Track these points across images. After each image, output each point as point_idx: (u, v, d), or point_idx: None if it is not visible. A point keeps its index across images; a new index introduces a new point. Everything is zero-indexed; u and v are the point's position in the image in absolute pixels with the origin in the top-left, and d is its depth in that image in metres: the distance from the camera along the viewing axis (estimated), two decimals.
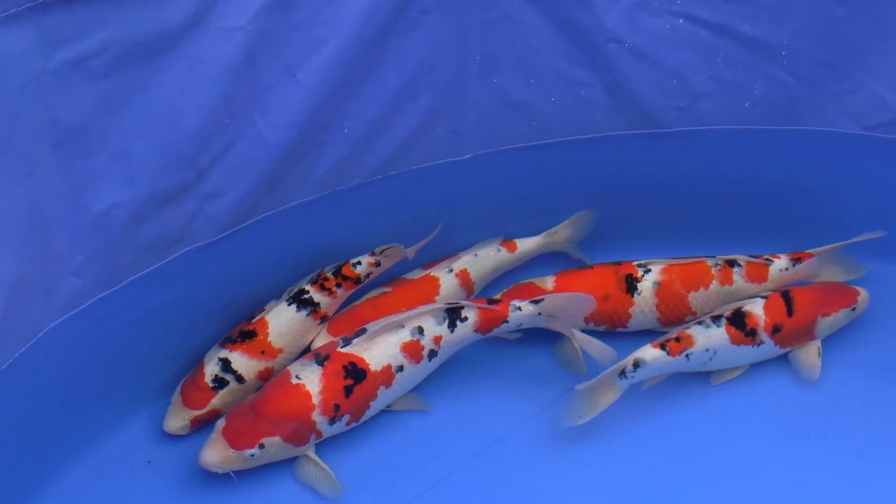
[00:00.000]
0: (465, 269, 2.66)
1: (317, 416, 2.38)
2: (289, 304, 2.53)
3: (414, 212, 2.64)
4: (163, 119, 2.23)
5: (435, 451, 2.47)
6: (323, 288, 2.55)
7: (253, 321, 2.52)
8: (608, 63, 2.50)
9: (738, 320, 2.54)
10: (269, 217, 2.47)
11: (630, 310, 2.61)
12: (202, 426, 2.48)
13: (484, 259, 2.67)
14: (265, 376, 2.51)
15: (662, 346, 2.48)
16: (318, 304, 2.55)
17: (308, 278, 2.57)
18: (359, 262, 2.59)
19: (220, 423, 2.38)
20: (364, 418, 2.45)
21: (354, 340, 2.43)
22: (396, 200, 2.59)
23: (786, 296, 2.58)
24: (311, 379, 2.38)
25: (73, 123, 2.14)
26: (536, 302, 2.50)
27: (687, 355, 2.50)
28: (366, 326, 2.47)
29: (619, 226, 2.74)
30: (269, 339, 2.50)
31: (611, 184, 2.70)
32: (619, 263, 2.65)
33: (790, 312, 2.56)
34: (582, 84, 2.54)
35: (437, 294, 2.62)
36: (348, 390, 2.39)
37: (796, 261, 2.64)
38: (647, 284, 2.60)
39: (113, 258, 2.32)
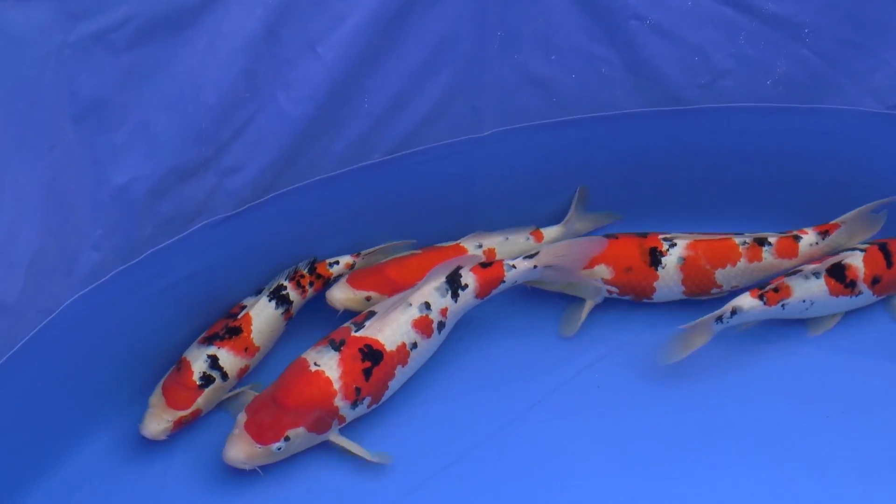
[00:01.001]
0: (494, 248, 2.65)
1: (339, 402, 2.38)
2: (269, 300, 2.51)
3: (433, 188, 2.63)
4: (183, 93, 2.23)
5: (455, 428, 2.48)
6: (298, 285, 2.54)
7: (239, 317, 2.49)
8: (629, 40, 2.49)
9: (838, 273, 2.57)
10: (288, 192, 2.47)
11: (654, 283, 2.61)
12: (182, 429, 2.43)
13: (513, 244, 2.67)
14: (242, 374, 2.49)
15: (760, 297, 2.53)
16: (292, 302, 2.54)
17: (285, 274, 2.55)
18: (336, 262, 2.59)
19: (242, 417, 2.36)
20: (383, 399, 2.46)
21: (366, 324, 2.43)
22: (416, 177, 2.59)
23: (883, 248, 2.62)
24: (329, 365, 2.38)
25: (94, 97, 2.14)
26: (531, 256, 2.51)
27: (783, 305, 2.56)
28: (374, 309, 2.47)
29: (639, 203, 2.73)
30: (251, 336, 2.49)
31: (631, 161, 2.69)
32: (644, 235, 2.65)
33: (889, 264, 2.61)
34: (603, 61, 2.53)
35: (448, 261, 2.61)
36: (367, 373, 2.39)
37: (824, 234, 2.62)
38: (671, 259, 2.60)
39: (132, 232, 2.33)
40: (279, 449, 2.33)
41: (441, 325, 2.48)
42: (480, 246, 2.64)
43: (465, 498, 2.39)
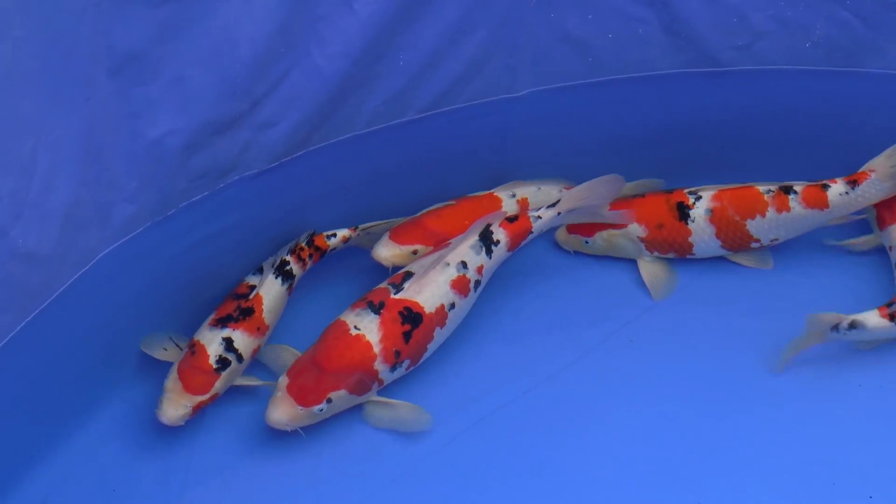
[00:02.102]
0: (526, 198, 2.65)
1: (379, 365, 2.38)
2: (276, 277, 2.49)
3: (467, 147, 2.63)
4: (219, 48, 2.23)
5: (485, 387, 2.48)
6: (299, 258, 2.52)
7: (250, 298, 2.46)
8: (667, 0, 2.47)
9: None
10: (321, 148, 2.47)
11: (690, 238, 2.61)
12: (199, 413, 2.39)
13: (545, 195, 2.66)
14: (255, 354, 2.47)
15: (892, 317, 2.43)
16: (295, 276, 2.52)
17: (287, 248, 2.52)
18: (333, 235, 2.57)
19: (283, 380, 2.36)
20: (421, 360, 2.46)
21: (405, 285, 2.43)
22: (450, 135, 2.59)
23: None
24: (370, 328, 2.38)
25: (130, 50, 2.15)
26: (553, 205, 2.51)
27: None
28: (410, 269, 2.47)
29: (673, 165, 2.71)
30: (262, 315, 2.46)
31: (666, 122, 2.67)
32: (670, 191, 2.64)
33: None
34: (640, 21, 2.51)
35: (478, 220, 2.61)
36: (407, 336, 2.40)
37: (853, 183, 2.59)
38: (699, 212, 2.59)
39: (166, 185, 2.34)
40: (321, 411, 2.34)
41: (477, 283, 2.48)
42: (514, 195, 2.64)
43: (492, 456, 2.40)
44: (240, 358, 2.41)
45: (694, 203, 2.59)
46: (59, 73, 2.07)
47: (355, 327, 2.38)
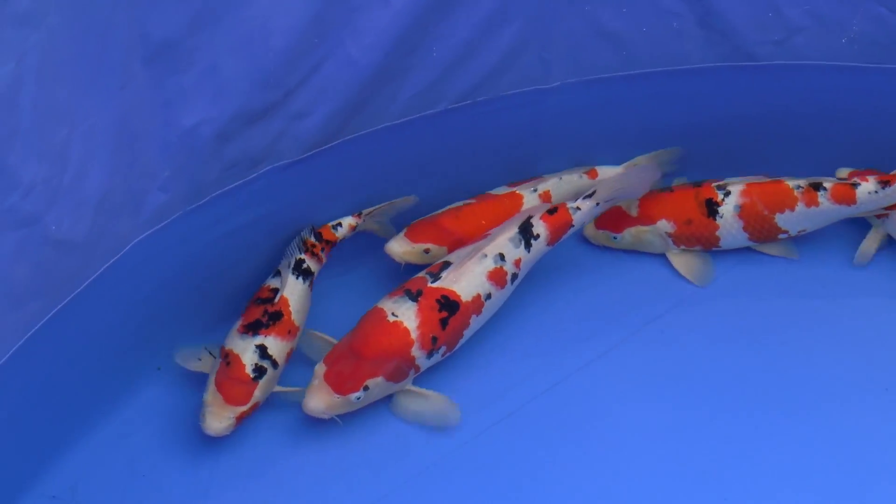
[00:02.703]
0: (549, 190, 2.64)
1: (416, 352, 2.38)
2: (296, 278, 2.47)
3: (499, 139, 2.63)
4: (253, 37, 2.23)
5: (513, 380, 2.48)
6: (313, 254, 2.51)
7: (276, 301, 2.44)
8: None
9: None
10: (353, 139, 2.47)
11: (717, 233, 2.60)
12: (242, 423, 2.37)
13: (567, 183, 2.66)
14: (288, 358, 2.44)
15: None
16: (313, 273, 2.51)
17: (297, 248, 2.50)
18: (339, 224, 2.56)
19: (320, 368, 2.36)
20: (456, 347, 2.46)
21: (442, 275, 2.43)
22: (482, 127, 2.58)
23: None
24: (407, 315, 2.39)
25: (165, 39, 2.15)
26: (590, 196, 2.51)
27: None
28: (448, 259, 2.47)
29: (706, 159, 2.70)
30: (291, 317, 2.44)
31: (700, 117, 2.66)
32: (698, 185, 2.63)
33: None
34: (675, 14, 2.50)
35: (520, 212, 2.61)
36: (444, 322, 2.40)
37: (885, 183, 2.57)
38: (728, 207, 2.58)
39: (199, 174, 2.34)
40: (358, 399, 2.35)
41: (514, 276, 2.48)
42: (535, 190, 2.63)
43: (521, 449, 2.40)
44: (275, 364, 2.40)
45: (723, 199, 2.59)
46: (93, 60, 2.07)
47: (393, 314, 2.38)
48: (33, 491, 2.32)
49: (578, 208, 2.51)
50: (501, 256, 2.45)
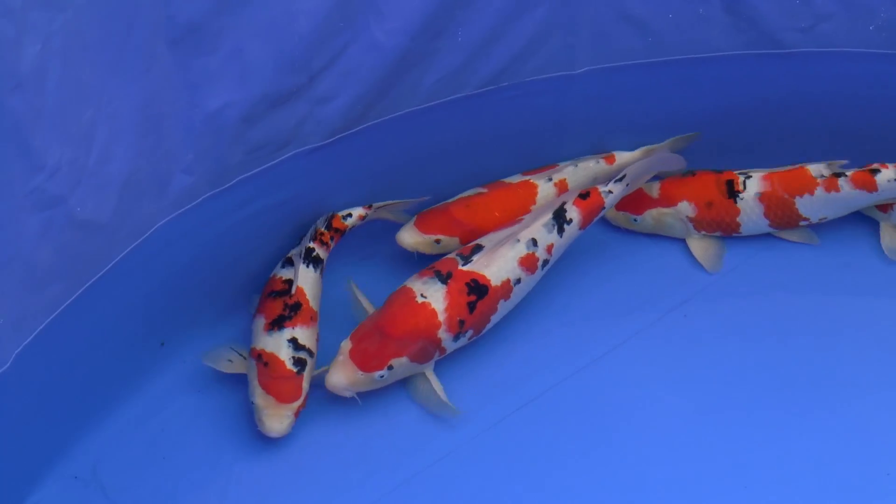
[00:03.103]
0: (565, 178, 2.64)
1: (442, 334, 2.39)
2: (307, 266, 2.47)
3: (523, 124, 2.62)
4: (278, 20, 2.23)
5: (535, 367, 2.48)
6: (322, 243, 2.51)
7: (293, 293, 2.43)
8: None
9: None
10: (378, 124, 2.47)
11: (738, 218, 2.60)
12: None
13: (584, 170, 2.65)
14: (317, 343, 2.44)
15: None
16: (322, 260, 2.51)
17: (309, 236, 2.50)
18: (349, 214, 2.55)
19: (346, 345, 2.37)
20: (484, 331, 2.46)
21: (474, 258, 2.43)
22: (506, 112, 2.58)
23: None
24: (436, 297, 2.39)
25: (190, 21, 2.15)
26: (621, 179, 2.51)
27: None
28: (480, 243, 2.47)
29: (731, 147, 2.69)
30: (310, 305, 2.45)
31: (725, 104, 2.65)
32: (719, 171, 2.63)
33: None
34: (701, 1, 2.48)
35: (534, 202, 2.60)
36: (472, 306, 2.40)
37: None
38: (749, 192, 2.59)
39: (224, 157, 2.34)
40: (381, 377, 2.35)
41: (545, 262, 2.48)
42: (550, 179, 2.62)
43: (541, 437, 2.40)
44: (311, 353, 2.40)
45: (744, 182, 2.58)
46: (119, 42, 2.07)
47: (422, 295, 2.39)
48: (55, 471, 2.33)
49: (610, 192, 2.51)
50: (534, 242, 2.45)
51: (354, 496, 2.33)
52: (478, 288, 2.40)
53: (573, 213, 2.49)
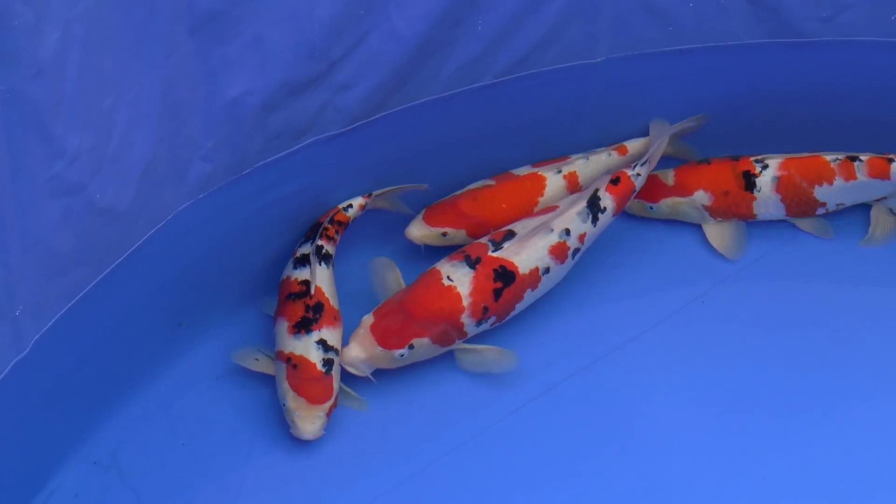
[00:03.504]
0: (575, 171, 2.63)
1: (465, 319, 2.39)
2: (320, 264, 2.46)
3: (543, 113, 2.62)
4: (297, 8, 2.22)
5: (553, 356, 2.48)
6: (328, 238, 2.50)
7: (312, 294, 2.41)
8: None
9: None
10: (397, 112, 2.47)
11: (753, 204, 2.60)
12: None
13: (595, 163, 2.64)
14: (341, 341, 2.44)
15: None
16: (332, 255, 2.50)
17: (316, 234, 2.48)
18: (350, 206, 2.54)
19: (368, 319, 2.39)
20: (507, 318, 2.46)
21: (504, 245, 2.43)
22: (526, 101, 2.57)
23: None
24: (462, 281, 2.39)
25: (210, 9, 2.15)
26: (645, 163, 2.52)
27: None
28: (513, 229, 2.47)
29: (751, 135, 2.68)
30: (331, 304, 2.44)
31: (745, 93, 2.64)
32: (736, 159, 2.62)
33: None
34: None
35: (542, 195, 2.60)
36: (497, 293, 2.40)
37: None
38: (765, 180, 2.58)
39: (243, 145, 2.34)
40: (401, 356, 2.36)
41: (576, 251, 2.48)
42: (560, 171, 2.62)
43: (559, 425, 2.41)
44: (337, 353, 2.40)
45: (760, 171, 2.58)
46: (139, 29, 2.07)
47: (448, 278, 2.39)
48: (75, 456, 2.34)
49: (638, 174, 2.51)
50: (567, 231, 2.45)
51: (374, 482, 2.34)
52: (505, 275, 2.40)
53: (607, 200, 2.49)
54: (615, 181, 2.50)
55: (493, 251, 2.42)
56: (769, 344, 2.50)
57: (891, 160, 2.55)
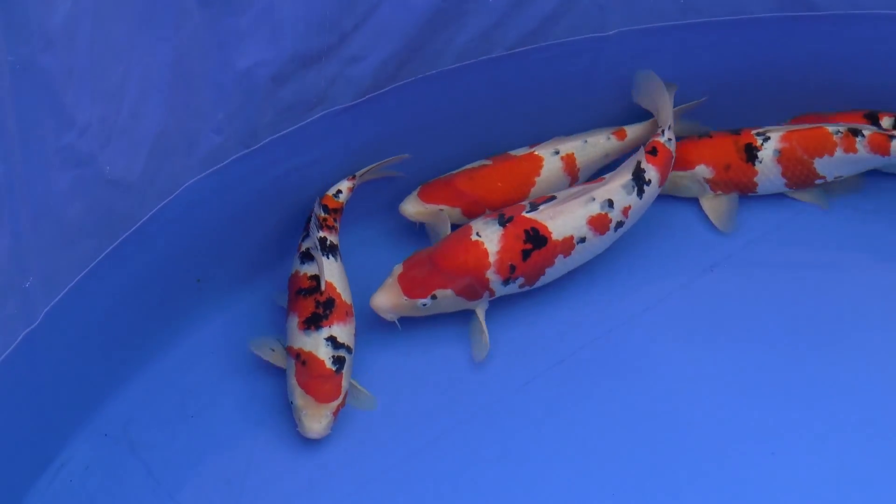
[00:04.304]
0: (572, 153, 2.61)
1: (491, 275, 2.40)
2: (327, 258, 2.42)
3: (553, 86, 2.60)
4: None
5: (565, 328, 2.48)
6: (329, 228, 2.46)
7: (323, 290, 2.38)
8: None
9: None
10: (408, 84, 2.46)
11: (755, 178, 2.59)
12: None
13: (593, 147, 2.61)
14: (355, 338, 2.41)
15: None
16: (337, 245, 2.46)
17: (315, 228, 2.44)
18: (339, 192, 2.49)
19: (398, 268, 2.41)
20: (538, 284, 2.46)
21: (541, 207, 2.42)
22: (537, 74, 2.56)
23: None
24: (490, 238, 2.40)
25: None
26: (669, 127, 2.52)
27: None
28: (555, 194, 2.46)
29: (763, 110, 2.67)
30: (342, 299, 2.41)
31: (759, 67, 2.63)
32: (737, 132, 2.61)
33: None
34: None
35: (538, 175, 2.58)
36: (526, 254, 2.40)
37: None
38: (767, 153, 2.57)
39: (254, 117, 2.34)
40: (424, 305, 2.39)
41: (620, 224, 2.46)
42: (557, 152, 2.59)
43: (569, 397, 2.40)
44: (349, 350, 2.38)
45: (762, 144, 2.58)
46: (150, 0, 2.07)
47: (477, 234, 2.41)
48: (86, 428, 2.34)
49: (670, 139, 2.50)
50: (610, 203, 2.44)
51: (382, 454, 2.35)
52: (536, 238, 2.40)
53: (651, 172, 2.48)
54: (652, 151, 2.49)
55: (527, 212, 2.42)
56: (780, 316, 2.50)
57: (892, 136, 2.54)
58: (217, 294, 2.49)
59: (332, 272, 2.42)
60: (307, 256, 2.45)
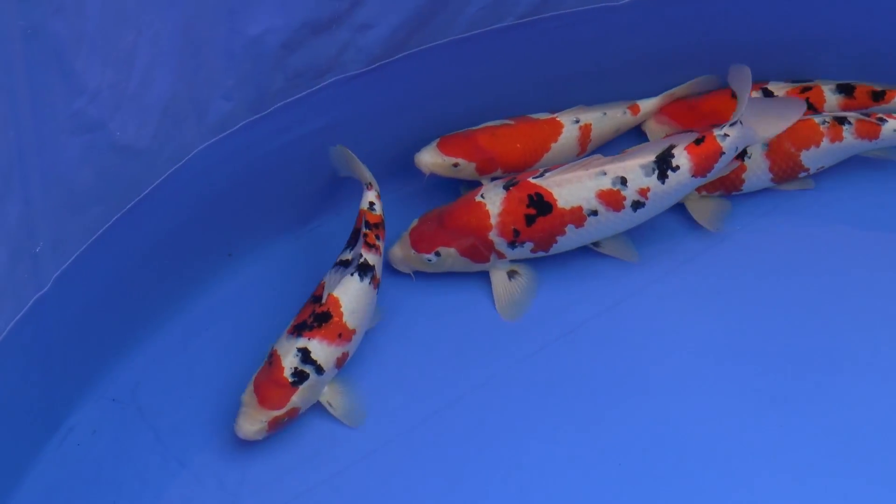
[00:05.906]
0: (590, 124, 2.60)
1: (494, 237, 2.41)
2: (352, 275, 2.32)
3: (563, 56, 2.60)
4: None
5: (571, 299, 2.49)
6: (369, 246, 2.36)
7: (324, 301, 2.31)
8: None
9: None
10: (419, 52, 2.46)
11: (743, 175, 2.57)
12: (280, 429, 2.28)
13: (610, 119, 2.61)
14: (341, 364, 2.33)
15: None
16: (374, 266, 2.36)
17: (360, 242, 2.36)
18: (372, 203, 2.41)
19: (414, 223, 2.46)
20: (553, 251, 2.46)
21: (548, 174, 2.42)
22: (547, 43, 2.56)
23: None
24: (493, 200, 2.41)
25: None
26: (734, 123, 2.43)
27: None
28: (568, 165, 2.44)
29: (776, 77, 2.66)
30: (343, 319, 2.30)
31: (769, 38, 2.62)
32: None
33: None
34: None
35: (555, 141, 2.57)
36: (529, 219, 2.40)
37: None
38: (756, 148, 2.54)
39: (263, 84, 2.34)
40: (429, 260, 2.44)
41: (638, 204, 2.42)
42: (577, 121, 2.59)
43: (576, 369, 2.41)
44: (319, 370, 2.27)
45: None
46: None
47: (482, 195, 2.42)
48: (94, 393, 2.35)
49: (727, 135, 2.42)
50: (622, 180, 2.41)
51: (390, 422, 2.35)
52: (541, 203, 2.40)
53: (682, 159, 2.41)
54: (699, 140, 2.42)
55: (534, 178, 2.42)
56: (788, 290, 2.50)
57: (882, 121, 2.53)
58: (226, 260, 2.49)
59: (345, 290, 2.32)
60: (340, 264, 2.38)
